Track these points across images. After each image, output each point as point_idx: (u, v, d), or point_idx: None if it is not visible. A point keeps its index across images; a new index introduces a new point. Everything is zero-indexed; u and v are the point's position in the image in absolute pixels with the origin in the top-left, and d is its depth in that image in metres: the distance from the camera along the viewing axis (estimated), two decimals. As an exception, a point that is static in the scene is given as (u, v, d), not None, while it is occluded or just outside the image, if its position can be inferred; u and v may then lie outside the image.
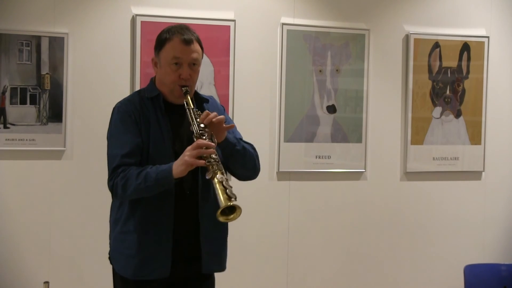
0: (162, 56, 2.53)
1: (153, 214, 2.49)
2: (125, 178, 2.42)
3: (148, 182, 2.39)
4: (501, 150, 4.75)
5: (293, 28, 4.29)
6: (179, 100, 2.53)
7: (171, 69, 2.51)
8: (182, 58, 2.50)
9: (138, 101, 2.56)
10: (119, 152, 2.47)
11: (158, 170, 2.40)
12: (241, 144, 2.58)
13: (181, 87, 2.51)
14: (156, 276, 2.51)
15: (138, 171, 2.42)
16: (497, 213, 4.77)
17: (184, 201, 2.51)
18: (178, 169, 2.36)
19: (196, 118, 2.45)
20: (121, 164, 2.46)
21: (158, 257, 2.50)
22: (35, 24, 3.91)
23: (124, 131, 2.50)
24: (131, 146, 2.47)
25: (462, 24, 4.66)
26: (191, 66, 2.52)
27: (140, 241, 2.50)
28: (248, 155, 2.60)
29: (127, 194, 2.44)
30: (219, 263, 2.64)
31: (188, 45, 2.50)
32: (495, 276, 3.54)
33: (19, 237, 3.95)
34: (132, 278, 2.53)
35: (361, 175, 4.49)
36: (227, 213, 2.30)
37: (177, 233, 2.51)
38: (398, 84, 4.54)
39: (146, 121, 2.52)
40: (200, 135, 2.40)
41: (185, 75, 2.50)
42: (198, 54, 2.54)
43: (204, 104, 2.64)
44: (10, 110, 3.88)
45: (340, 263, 4.48)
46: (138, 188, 2.40)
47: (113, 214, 2.61)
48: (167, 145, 2.51)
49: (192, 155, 2.34)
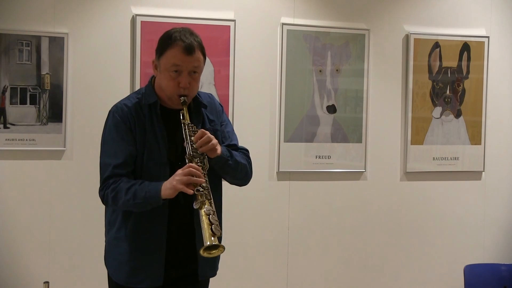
0: (162, 62, 2.47)
1: (147, 222, 2.48)
2: (115, 191, 2.41)
3: (137, 199, 2.37)
4: (501, 150, 4.75)
5: (293, 28, 4.29)
6: (177, 107, 2.50)
7: (171, 76, 2.46)
8: (182, 66, 2.45)
9: (134, 106, 2.52)
10: (111, 162, 2.45)
11: (147, 189, 2.38)
12: (233, 159, 2.54)
13: (179, 97, 2.47)
14: (148, 285, 2.50)
15: (128, 186, 2.40)
16: (497, 213, 4.77)
17: (178, 209, 2.49)
18: (166, 191, 2.35)
19: (191, 136, 2.42)
20: (112, 175, 2.44)
21: (150, 265, 2.49)
22: (35, 24, 3.91)
23: (117, 139, 2.47)
24: (124, 156, 2.45)
25: (462, 24, 4.66)
26: (191, 74, 2.47)
27: (133, 249, 2.49)
28: (240, 168, 2.57)
29: (117, 206, 2.45)
30: (213, 268, 2.63)
31: (190, 55, 2.45)
32: (495, 276, 3.54)
33: (19, 237, 3.95)
34: (125, 285, 2.52)
35: (361, 175, 4.49)
36: (211, 248, 2.29)
37: (171, 241, 2.50)
38: (398, 84, 4.54)
39: (141, 128, 2.49)
40: (192, 157, 2.38)
41: (184, 84, 2.45)
42: (200, 62, 2.49)
43: (203, 109, 2.60)
44: (10, 110, 3.88)
45: (340, 263, 4.48)
46: (127, 204, 2.40)
47: (107, 216, 2.60)
48: (162, 153, 2.48)
49: (181, 182, 2.31)
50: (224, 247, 2.30)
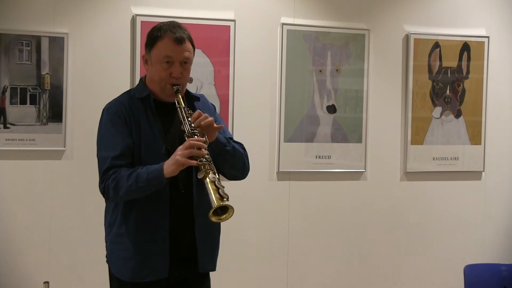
0: (154, 54, 2.51)
1: (149, 214, 2.48)
2: (116, 180, 2.40)
3: (140, 183, 2.37)
4: (501, 150, 4.75)
5: (293, 28, 4.29)
6: (170, 98, 2.51)
7: (162, 67, 2.49)
8: (174, 57, 2.48)
9: (127, 101, 2.54)
10: (109, 154, 2.45)
11: (149, 170, 2.38)
12: (231, 144, 2.55)
13: (172, 86, 2.49)
14: (154, 278, 2.49)
15: (128, 172, 2.40)
16: (497, 213, 4.77)
17: (179, 200, 2.50)
18: (169, 168, 2.34)
19: (188, 117, 2.43)
20: (111, 167, 2.44)
21: (155, 258, 2.48)
22: (35, 24, 3.91)
23: (114, 133, 2.48)
24: (122, 148, 2.45)
25: (462, 24, 4.66)
26: (182, 64, 2.50)
27: (136, 243, 2.48)
28: (238, 155, 2.58)
29: (119, 196, 2.42)
30: (212, 262, 2.62)
31: (180, 44, 2.48)
32: (495, 276, 3.54)
33: (19, 237, 3.95)
34: (130, 281, 2.51)
35: (361, 175, 4.49)
36: (219, 213, 2.29)
37: (173, 233, 2.50)
38: (398, 84, 4.54)
39: (136, 122, 2.50)
40: (192, 134, 2.39)
41: (176, 74, 2.49)
42: (190, 52, 2.53)
43: (195, 102, 2.62)
44: (10, 110, 3.88)
45: (340, 263, 4.48)
46: (130, 190, 2.38)
47: (108, 217, 2.59)
48: (159, 145, 2.48)
49: (183, 155, 2.32)
50: (233, 209, 2.28)
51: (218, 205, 2.25)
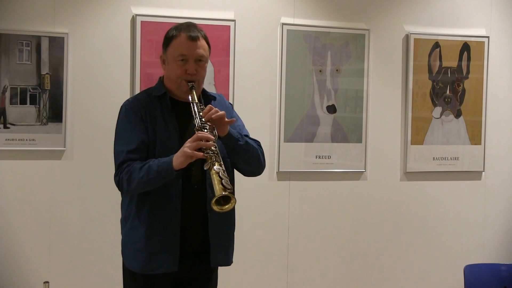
0: (169, 53, 2.58)
1: (161, 208, 2.53)
2: (130, 172, 2.48)
3: (151, 174, 2.44)
4: (501, 150, 4.75)
5: (293, 28, 4.29)
6: (186, 95, 2.57)
7: (178, 65, 2.56)
8: (188, 55, 2.55)
9: (144, 99, 2.62)
10: (124, 149, 2.53)
11: (160, 163, 2.45)
12: (244, 139, 2.59)
13: (188, 82, 2.55)
14: (164, 270, 2.53)
15: (141, 165, 2.47)
16: (497, 213, 4.77)
17: (192, 195, 2.55)
18: (177, 160, 2.41)
19: (199, 112, 2.49)
20: (126, 160, 2.51)
21: (166, 251, 2.52)
22: (35, 24, 3.91)
23: (130, 128, 2.55)
24: (137, 143, 2.52)
25: (462, 24, 4.66)
26: (197, 62, 2.57)
27: (148, 235, 2.53)
28: (252, 150, 2.61)
29: (131, 187, 2.49)
30: (226, 257, 2.66)
31: (194, 42, 2.56)
32: (495, 276, 3.54)
33: (19, 237, 3.95)
34: (141, 272, 2.56)
35: (361, 175, 4.49)
36: (222, 203, 2.34)
37: (185, 227, 2.54)
38: (398, 84, 4.54)
39: (152, 119, 2.56)
40: (201, 128, 2.44)
41: (191, 70, 2.55)
42: (205, 50, 2.60)
43: (212, 102, 2.67)
44: (10, 110, 3.88)
45: (340, 263, 4.48)
46: (142, 181, 2.45)
47: (123, 212, 2.65)
48: (174, 142, 2.53)
49: (191, 147, 2.38)
50: (236, 199, 2.33)
51: (219, 195, 2.30)
